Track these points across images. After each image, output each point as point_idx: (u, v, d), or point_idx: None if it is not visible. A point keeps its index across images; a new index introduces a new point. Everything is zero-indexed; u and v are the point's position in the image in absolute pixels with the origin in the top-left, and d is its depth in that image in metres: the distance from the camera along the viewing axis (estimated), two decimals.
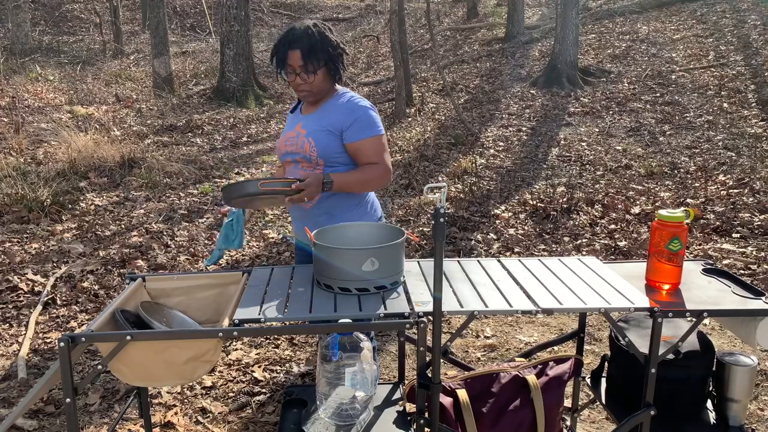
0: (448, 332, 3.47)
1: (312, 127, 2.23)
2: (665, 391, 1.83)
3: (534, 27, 13.16)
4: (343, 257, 1.75)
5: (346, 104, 2.23)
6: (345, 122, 2.19)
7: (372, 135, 2.22)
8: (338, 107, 2.23)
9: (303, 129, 2.25)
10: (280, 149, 2.34)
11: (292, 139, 2.27)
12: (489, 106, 9.27)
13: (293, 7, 16.95)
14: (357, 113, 2.21)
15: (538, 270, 1.96)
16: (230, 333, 1.60)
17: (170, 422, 2.70)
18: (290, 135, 2.29)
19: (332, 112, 2.23)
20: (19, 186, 5.60)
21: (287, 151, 2.29)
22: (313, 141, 2.20)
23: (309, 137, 2.22)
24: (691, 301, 1.74)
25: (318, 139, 2.20)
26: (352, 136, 2.20)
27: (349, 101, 2.25)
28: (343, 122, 2.20)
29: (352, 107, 2.22)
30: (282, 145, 2.32)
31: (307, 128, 2.24)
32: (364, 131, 2.21)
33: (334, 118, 2.21)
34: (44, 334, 3.51)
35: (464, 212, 5.41)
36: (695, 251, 4.48)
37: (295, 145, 2.25)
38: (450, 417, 1.79)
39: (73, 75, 11.29)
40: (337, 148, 2.20)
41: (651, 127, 7.81)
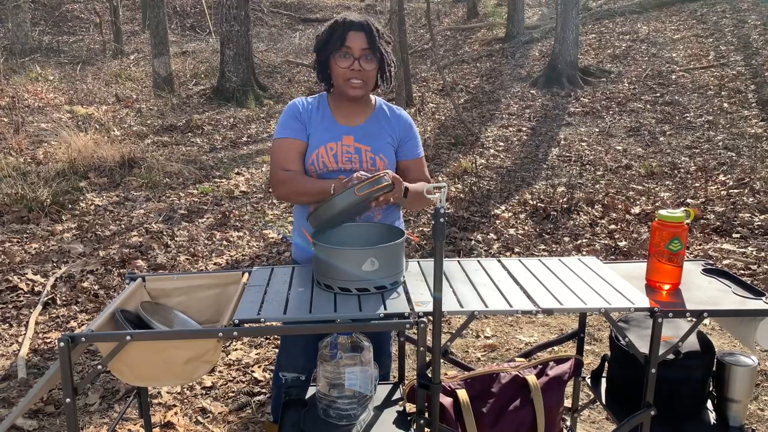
0: (448, 332, 3.47)
1: (378, 142, 2.04)
2: (665, 391, 1.82)
3: (534, 27, 13.16)
4: (343, 257, 1.75)
5: (401, 116, 2.12)
6: (405, 136, 2.09)
7: (422, 152, 2.17)
8: (395, 118, 2.11)
9: (362, 144, 2.02)
10: (325, 164, 2.01)
11: (350, 155, 2.00)
12: (489, 106, 9.27)
13: (293, 7, 16.95)
14: (413, 128, 2.13)
15: (538, 270, 1.96)
16: (230, 333, 1.60)
17: (170, 422, 2.70)
18: (342, 149, 2.01)
19: (390, 123, 2.09)
20: (19, 186, 5.60)
21: (345, 168, 2.01)
22: (386, 158, 2.03)
23: (380, 154, 2.02)
24: (692, 302, 1.74)
25: (389, 154, 2.05)
26: (409, 153, 2.10)
27: (400, 112, 2.14)
28: (403, 136, 2.09)
29: (408, 121, 2.13)
30: (328, 159, 2.00)
31: (371, 143, 2.03)
32: (418, 147, 2.14)
33: (396, 131, 2.08)
34: (44, 334, 3.51)
35: (464, 212, 5.41)
36: (695, 251, 4.47)
37: (356, 162, 2.01)
38: (450, 417, 1.79)
39: (73, 75, 11.29)
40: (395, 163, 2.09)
41: (651, 127, 7.81)
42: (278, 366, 2.25)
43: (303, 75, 12.10)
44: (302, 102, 2.10)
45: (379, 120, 2.09)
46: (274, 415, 2.37)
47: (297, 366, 2.21)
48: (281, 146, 2.04)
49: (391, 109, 2.14)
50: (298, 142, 2.03)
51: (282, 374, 2.21)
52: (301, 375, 2.22)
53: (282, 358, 2.26)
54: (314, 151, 2.00)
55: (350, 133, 2.03)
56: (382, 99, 2.18)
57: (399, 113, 2.14)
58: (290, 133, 2.04)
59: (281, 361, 2.25)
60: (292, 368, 2.21)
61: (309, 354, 2.20)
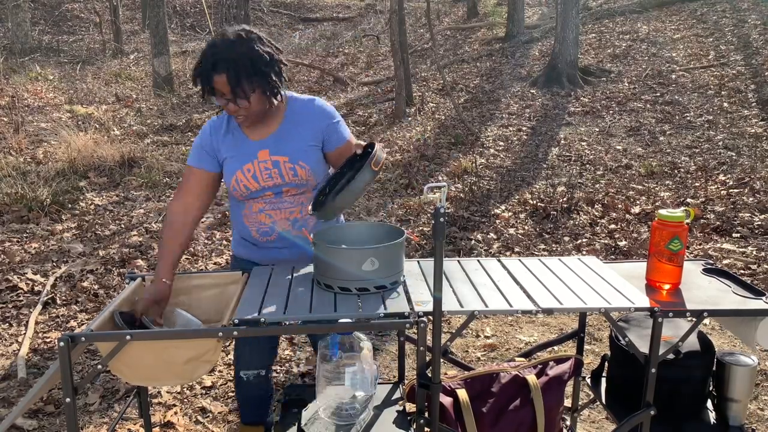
0: (448, 332, 3.47)
1: (293, 149, 1.95)
2: (665, 391, 1.82)
3: (534, 26, 13.16)
4: (343, 257, 1.75)
5: (315, 109, 2.01)
6: (325, 129, 1.99)
7: (349, 133, 2.07)
8: (309, 116, 1.99)
9: (278, 155, 1.94)
10: (248, 187, 1.96)
11: (268, 170, 1.94)
12: (489, 106, 9.27)
13: (293, 6, 16.95)
14: (333, 115, 2.02)
15: (538, 270, 1.96)
16: (230, 333, 1.60)
17: (170, 422, 2.70)
18: (261, 167, 1.94)
19: (306, 124, 1.98)
20: (19, 185, 5.60)
21: (267, 185, 1.96)
22: (306, 164, 1.95)
23: (298, 161, 1.94)
24: (692, 301, 1.74)
25: (308, 158, 1.96)
26: (336, 141, 2.01)
27: (314, 104, 2.02)
28: (323, 130, 1.99)
29: (325, 110, 2.01)
30: (249, 182, 1.95)
31: (287, 152, 1.94)
32: (345, 131, 2.05)
33: (313, 130, 1.98)
34: (44, 334, 3.51)
35: (464, 212, 5.41)
36: (695, 251, 4.47)
37: (279, 176, 1.95)
38: (450, 417, 1.79)
39: (73, 74, 11.29)
40: (321, 161, 2.01)
41: (651, 126, 7.80)
42: (237, 366, 2.24)
43: (303, 74, 12.10)
44: (212, 126, 2.02)
45: (293, 123, 1.98)
46: (243, 416, 2.34)
47: (254, 363, 2.20)
48: (185, 173, 2.05)
49: (304, 104, 2.02)
50: (200, 173, 2.00)
51: (242, 373, 2.21)
52: (261, 371, 2.22)
53: (238, 357, 2.24)
54: (232, 177, 1.96)
55: (264, 147, 1.95)
56: (294, 94, 2.05)
57: (313, 107, 2.02)
58: (194, 162, 2.02)
59: (238, 361, 2.23)
60: (251, 366, 2.21)
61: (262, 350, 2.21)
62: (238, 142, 1.98)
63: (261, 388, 2.26)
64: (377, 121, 8.83)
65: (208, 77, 1.82)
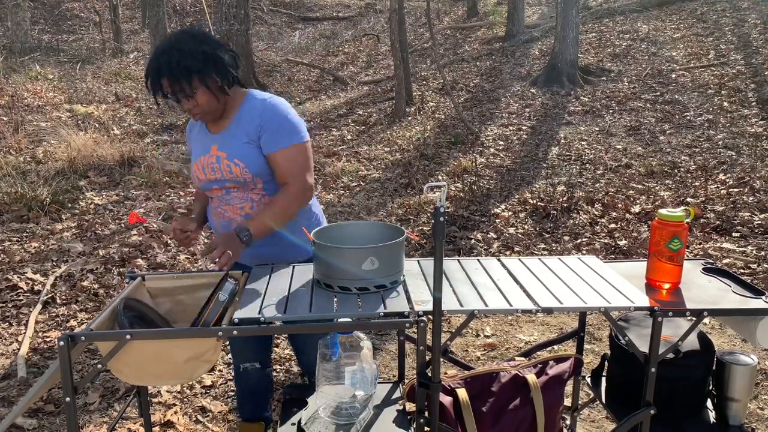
0: (448, 331, 3.47)
1: (232, 146, 1.97)
2: (665, 390, 1.83)
3: (534, 26, 13.15)
4: (343, 256, 1.75)
5: (259, 108, 1.97)
6: (259, 129, 1.94)
7: (289, 144, 1.94)
8: (251, 112, 1.97)
9: (221, 151, 1.98)
10: (199, 178, 2.06)
11: (212, 164, 2.00)
12: (489, 105, 9.27)
13: (292, 5, 16.94)
14: (272, 117, 1.95)
15: (538, 269, 1.96)
16: (230, 332, 1.60)
17: (170, 421, 2.71)
18: (208, 160, 2.01)
19: (245, 120, 1.97)
20: (19, 185, 5.59)
21: (211, 178, 2.02)
22: (241, 161, 1.95)
23: (234, 159, 1.96)
24: (691, 301, 1.74)
25: (245, 156, 1.95)
26: (267, 146, 1.94)
27: (262, 104, 1.97)
28: (257, 129, 1.94)
29: (266, 110, 1.96)
30: (200, 173, 2.05)
31: (227, 149, 1.97)
32: (280, 139, 1.93)
33: (249, 127, 1.95)
34: (44, 333, 3.51)
35: (464, 211, 5.41)
36: (695, 250, 4.47)
37: (219, 171, 1.99)
38: (450, 416, 1.79)
39: (73, 74, 11.28)
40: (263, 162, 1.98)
41: (651, 126, 7.80)
42: (234, 360, 2.28)
43: (302, 74, 12.09)
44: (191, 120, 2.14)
45: (239, 119, 1.98)
46: (242, 412, 2.34)
47: (248, 355, 2.24)
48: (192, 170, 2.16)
49: (256, 103, 1.99)
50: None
51: (241, 365, 2.25)
52: (256, 363, 2.24)
53: (233, 350, 2.28)
54: (192, 166, 2.11)
55: (215, 142, 2.01)
56: (258, 92, 2.03)
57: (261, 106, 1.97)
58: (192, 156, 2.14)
59: (234, 354, 2.27)
60: (246, 358, 2.24)
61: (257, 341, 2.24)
62: (201, 135, 2.08)
63: (260, 382, 2.28)
64: (377, 121, 8.83)
65: (155, 83, 1.88)
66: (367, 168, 6.80)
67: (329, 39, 14.46)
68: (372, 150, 7.42)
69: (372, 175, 6.57)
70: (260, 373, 2.26)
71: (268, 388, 2.35)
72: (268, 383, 2.33)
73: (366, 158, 7.12)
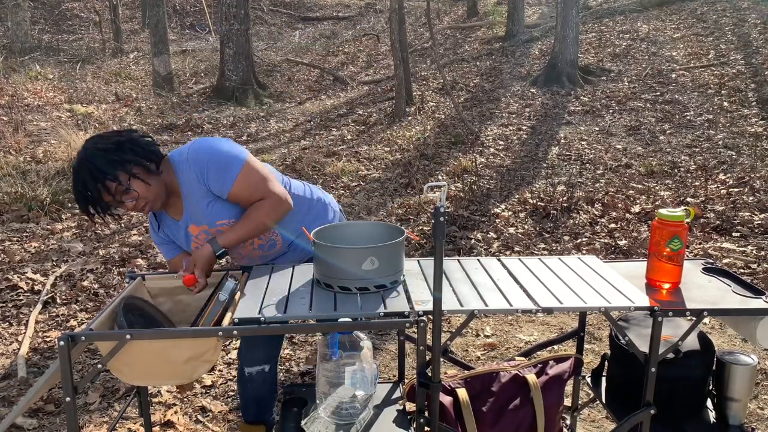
0: (448, 331, 3.47)
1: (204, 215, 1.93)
2: (665, 390, 1.83)
3: (534, 25, 13.15)
4: (343, 256, 1.75)
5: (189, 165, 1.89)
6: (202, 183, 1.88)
7: (235, 177, 1.88)
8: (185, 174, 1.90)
9: (201, 225, 1.96)
10: None
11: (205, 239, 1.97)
12: (489, 105, 9.27)
13: (292, 5, 16.94)
14: (203, 165, 1.87)
15: (538, 269, 1.96)
16: (230, 332, 1.60)
17: (170, 421, 2.71)
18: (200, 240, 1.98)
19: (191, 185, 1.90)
20: (19, 185, 5.59)
21: None
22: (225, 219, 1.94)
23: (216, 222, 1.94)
24: (691, 300, 1.74)
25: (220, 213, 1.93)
26: (221, 191, 1.90)
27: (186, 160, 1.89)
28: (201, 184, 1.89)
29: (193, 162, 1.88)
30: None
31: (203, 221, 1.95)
32: (226, 176, 1.87)
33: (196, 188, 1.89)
34: (44, 333, 3.51)
35: (464, 211, 5.41)
36: (695, 250, 4.47)
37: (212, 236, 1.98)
38: (450, 416, 1.79)
39: (73, 74, 11.28)
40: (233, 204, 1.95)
41: (651, 126, 7.80)
42: (240, 361, 2.23)
43: (302, 74, 12.09)
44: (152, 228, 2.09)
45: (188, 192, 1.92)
46: (244, 414, 2.32)
47: (258, 358, 2.18)
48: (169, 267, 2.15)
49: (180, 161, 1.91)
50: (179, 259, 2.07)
51: (246, 369, 2.19)
52: (265, 366, 2.20)
53: (242, 352, 2.22)
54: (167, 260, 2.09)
55: (189, 223, 1.98)
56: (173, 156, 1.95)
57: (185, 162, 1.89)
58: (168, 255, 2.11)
59: (242, 356, 2.22)
60: (254, 361, 2.19)
61: (268, 344, 2.19)
62: (172, 229, 2.03)
63: (265, 386, 2.24)
64: (377, 120, 8.83)
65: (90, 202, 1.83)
66: (367, 168, 6.80)
67: (329, 39, 14.46)
68: (372, 150, 7.42)
69: (372, 175, 6.57)
70: (266, 376, 2.21)
71: (273, 392, 2.31)
72: (272, 386, 2.29)
73: (366, 158, 7.12)
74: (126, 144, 1.84)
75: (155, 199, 1.88)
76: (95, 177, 1.78)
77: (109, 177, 1.79)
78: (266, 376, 2.21)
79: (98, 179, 1.78)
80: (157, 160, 1.90)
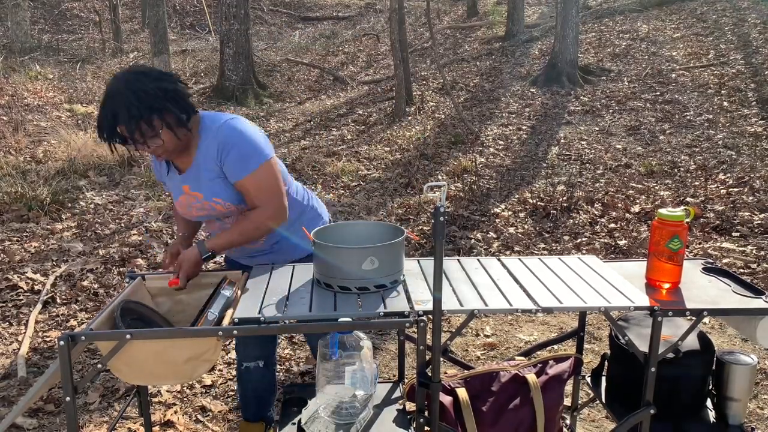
0: (448, 331, 3.47)
1: (204, 186, 1.91)
2: (665, 390, 1.83)
3: (534, 25, 13.15)
4: (343, 256, 1.75)
5: (216, 137, 1.86)
6: (219, 160, 1.86)
7: (252, 170, 1.85)
8: (208, 142, 1.88)
9: (196, 192, 1.93)
10: (189, 215, 2.04)
11: (194, 204, 1.96)
12: (489, 105, 9.27)
13: (292, 5, 16.93)
14: (229, 144, 1.85)
15: (538, 269, 1.96)
16: (230, 332, 1.60)
17: (170, 421, 2.71)
18: (188, 200, 1.96)
19: (206, 153, 1.88)
20: (19, 185, 5.59)
21: (200, 215, 2.02)
22: (220, 199, 1.91)
23: (212, 198, 1.91)
24: (691, 300, 1.74)
25: (220, 193, 1.90)
26: (232, 176, 1.88)
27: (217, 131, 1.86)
28: (217, 161, 1.86)
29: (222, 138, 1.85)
30: (186, 212, 2.02)
31: (200, 190, 1.92)
32: (242, 167, 1.85)
33: (210, 161, 1.87)
34: (44, 333, 3.51)
35: (464, 211, 5.41)
36: (695, 250, 4.48)
37: (203, 210, 1.97)
38: (450, 416, 1.79)
39: (73, 73, 11.28)
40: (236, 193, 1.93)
41: (651, 125, 7.80)
42: (238, 357, 2.29)
43: (302, 73, 12.09)
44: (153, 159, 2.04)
45: (202, 157, 1.89)
46: (244, 412, 2.33)
47: (254, 354, 2.24)
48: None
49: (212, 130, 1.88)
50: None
51: (244, 364, 2.26)
52: (260, 362, 2.24)
53: (239, 348, 2.28)
54: (176, 203, 2.05)
55: (186, 182, 1.95)
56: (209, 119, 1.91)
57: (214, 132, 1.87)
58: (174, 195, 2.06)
59: (239, 352, 2.28)
60: (251, 357, 2.25)
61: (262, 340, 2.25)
62: (172, 173, 2.01)
63: (263, 382, 2.27)
64: (377, 120, 8.83)
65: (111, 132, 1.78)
66: (367, 168, 6.80)
67: (329, 39, 14.46)
68: (372, 150, 7.42)
69: (372, 174, 6.57)
70: (264, 371, 2.25)
71: (271, 388, 2.34)
72: (270, 382, 2.32)
73: (366, 158, 7.12)
74: (170, 93, 1.79)
75: (174, 150, 1.86)
76: (130, 114, 1.72)
77: (144, 119, 1.74)
78: (263, 372, 2.25)
79: (133, 117, 1.73)
80: (191, 115, 1.87)
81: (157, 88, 1.76)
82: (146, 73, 1.79)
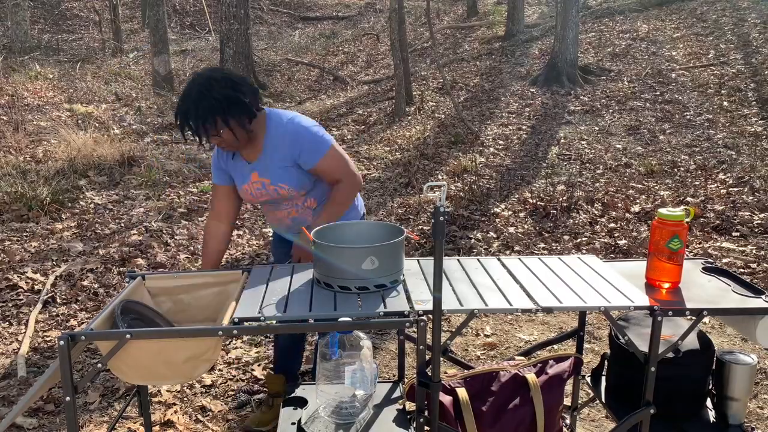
0: (448, 331, 3.47)
1: (273, 172, 2.20)
2: (665, 389, 1.83)
3: (534, 25, 13.15)
4: (343, 256, 1.75)
5: (286, 132, 2.19)
6: (294, 152, 2.17)
7: (324, 153, 2.20)
8: (280, 139, 2.19)
9: (263, 177, 2.22)
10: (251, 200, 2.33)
11: (259, 190, 2.25)
12: (489, 105, 9.27)
13: (292, 5, 16.93)
14: (301, 139, 2.18)
15: (537, 268, 1.96)
16: (230, 332, 1.60)
17: (170, 421, 2.71)
18: (254, 186, 2.25)
19: (277, 148, 2.19)
20: (19, 184, 5.59)
21: (263, 200, 2.30)
22: (285, 184, 2.20)
23: (278, 183, 2.20)
24: (691, 300, 1.74)
25: (287, 179, 2.20)
26: (308, 163, 2.19)
27: (287, 126, 2.19)
28: (293, 153, 2.18)
29: (294, 133, 2.18)
30: (249, 197, 2.30)
31: (269, 175, 2.21)
32: (316, 153, 2.19)
33: (283, 153, 2.18)
34: (44, 333, 3.51)
35: (464, 211, 5.41)
36: (695, 250, 4.48)
37: (269, 195, 2.25)
38: (450, 416, 1.79)
39: (73, 73, 11.28)
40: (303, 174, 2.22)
41: (651, 125, 7.80)
42: None
43: (302, 73, 12.09)
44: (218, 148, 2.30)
45: (271, 147, 2.19)
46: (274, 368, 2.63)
47: None
48: (212, 191, 2.42)
49: (280, 127, 2.19)
50: (222, 188, 2.35)
51: None
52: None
53: None
54: (240, 190, 2.31)
55: (255, 169, 2.23)
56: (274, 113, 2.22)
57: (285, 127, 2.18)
58: (216, 180, 2.36)
59: None
60: None
61: None
62: (239, 164, 2.28)
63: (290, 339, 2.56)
64: (377, 120, 8.83)
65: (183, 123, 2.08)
66: (366, 167, 6.80)
67: (329, 38, 14.46)
68: (372, 149, 7.42)
69: (372, 174, 6.57)
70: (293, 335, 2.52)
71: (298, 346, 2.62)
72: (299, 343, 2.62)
73: (366, 158, 7.12)
74: (233, 100, 2.06)
75: (232, 145, 2.15)
76: (197, 115, 2.03)
77: (209, 121, 2.04)
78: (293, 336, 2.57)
79: (198, 118, 2.03)
80: (253, 117, 2.13)
81: (222, 96, 2.04)
82: (218, 80, 2.06)
